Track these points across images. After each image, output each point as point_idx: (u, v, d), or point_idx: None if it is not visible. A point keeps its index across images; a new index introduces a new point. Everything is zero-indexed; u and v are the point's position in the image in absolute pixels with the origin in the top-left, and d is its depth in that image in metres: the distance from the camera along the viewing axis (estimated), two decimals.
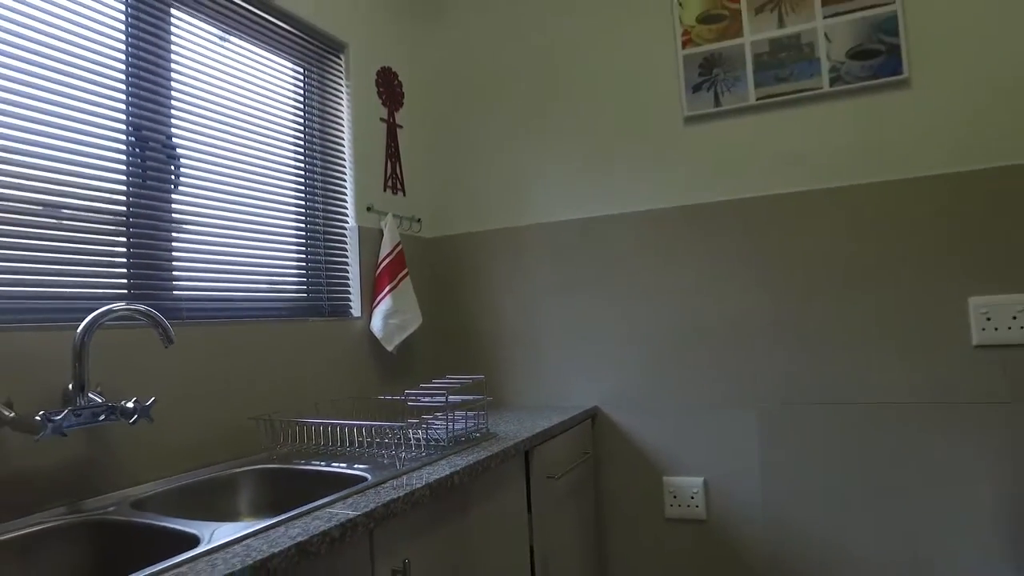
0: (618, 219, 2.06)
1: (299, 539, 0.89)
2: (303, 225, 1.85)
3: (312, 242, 1.88)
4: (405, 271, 2.04)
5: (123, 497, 1.19)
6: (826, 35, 1.81)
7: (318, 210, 1.91)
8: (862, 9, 1.78)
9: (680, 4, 1.98)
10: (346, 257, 1.99)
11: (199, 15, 1.59)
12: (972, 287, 1.64)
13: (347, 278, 1.99)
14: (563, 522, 1.77)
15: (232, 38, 1.68)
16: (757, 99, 1.88)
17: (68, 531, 1.04)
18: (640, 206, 2.04)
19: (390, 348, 1.98)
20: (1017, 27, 1.64)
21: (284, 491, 1.33)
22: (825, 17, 1.81)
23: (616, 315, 2.05)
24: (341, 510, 1.01)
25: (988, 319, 1.62)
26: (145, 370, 1.32)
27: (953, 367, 1.65)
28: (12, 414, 1.06)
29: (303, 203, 1.85)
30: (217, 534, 0.93)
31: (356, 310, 1.98)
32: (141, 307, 1.17)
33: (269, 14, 1.77)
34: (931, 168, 1.71)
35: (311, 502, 1.06)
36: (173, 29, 1.52)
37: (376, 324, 1.96)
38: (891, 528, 1.70)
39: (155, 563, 0.81)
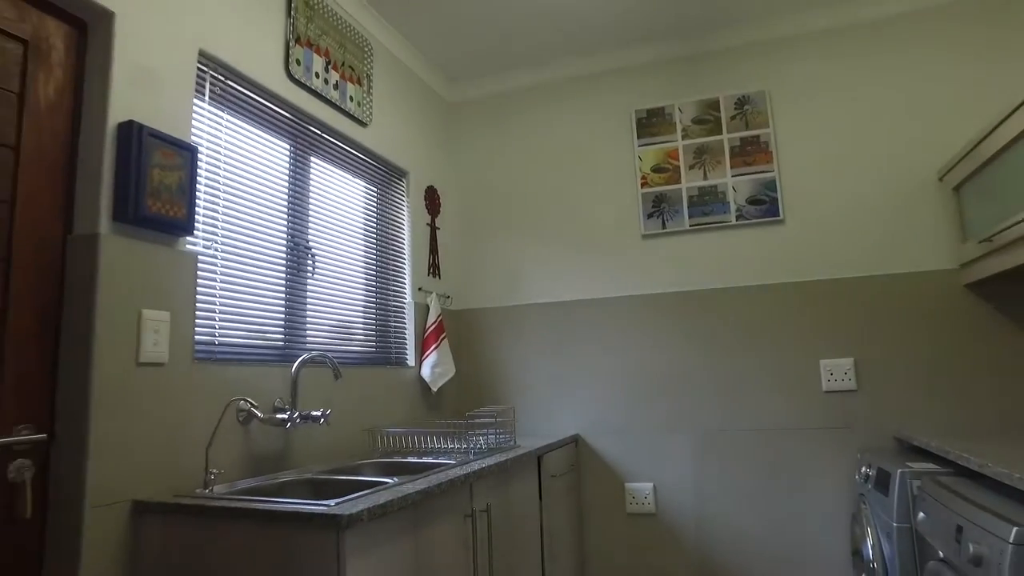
0: (594, 302, 2.95)
1: (443, 480, 1.67)
2: (376, 300, 2.65)
3: (382, 312, 2.68)
4: (444, 335, 2.86)
5: (307, 469, 1.94)
6: (733, 187, 2.78)
7: (390, 290, 2.72)
8: (755, 173, 2.76)
9: (640, 159, 2.93)
10: (404, 324, 2.80)
11: (324, 156, 2.44)
12: (821, 353, 2.57)
13: (405, 339, 2.79)
14: (559, 511, 2.57)
15: (334, 167, 2.52)
16: (690, 225, 2.82)
17: (299, 483, 1.80)
18: (609, 294, 2.93)
19: (434, 389, 2.77)
20: (846, 188, 2.64)
21: (398, 473, 2.09)
22: (732, 176, 2.79)
23: (591, 370, 2.90)
24: (453, 473, 1.80)
25: (831, 374, 2.55)
26: (303, 393, 2.09)
27: (811, 405, 2.56)
28: (262, 415, 1.83)
29: (375, 284, 2.66)
30: (395, 479, 1.70)
31: (411, 361, 2.77)
32: (327, 354, 1.96)
33: (361, 152, 2.62)
34: (797, 277, 2.66)
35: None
36: (311, 168, 2.35)
37: (425, 372, 2.76)
38: (775, 512, 2.56)
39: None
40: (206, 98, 1.84)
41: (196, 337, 1.72)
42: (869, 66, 2.69)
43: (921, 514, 1.67)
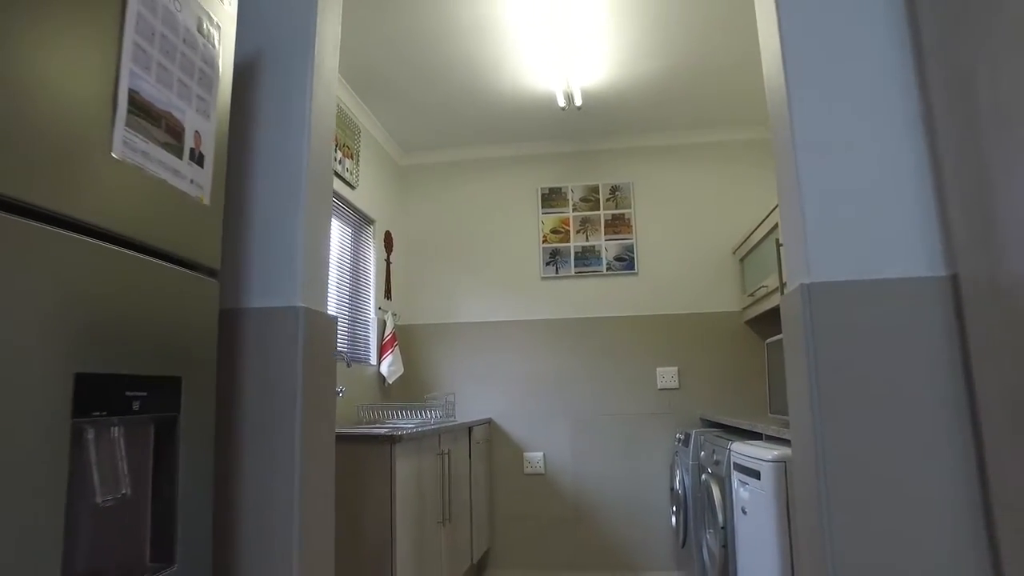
0: (504, 323, 4.08)
1: (429, 429, 2.71)
2: (349, 315, 3.61)
3: (354, 324, 3.64)
4: (397, 342, 3.86)
5: None
6: (606, 248, 4.03)
7: (359, 307, 3.69)
8: (621, 239, 4.03)
9: (542, 223, 4.12)
10: (369, 334, 3.78)
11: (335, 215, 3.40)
12: (657, 363, 3.86)
13: (369, 344, 3.76)
14: (480, 469, 3.64)
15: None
16: (575, 272, 4.04)
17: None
18: (516, 318, 4.07)
19: (389, 382, 3.76)
20: (678, 254, 3.97)
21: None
22: (605, 240, 4.04)
23: (501, 372, 4.02)
24: (430, 428, 2.83)
25: (663, 377, 3.84)
26: None
27: (650, 398, 3.84)
28: None
29: (349, 303, 3.62)
30: (400, 431, 2.70)
31: (373, 360, 3.75)
32: (342, 351, 2.92)
33: (349, 207, 3.60)
34: (644, 311, 3.95)
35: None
36: None
37: (383, 369, 3.75)
38: (625, 469, 3.79)
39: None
40: None
41: None
42: (696, 173, 4.06)
43: (702, 452, 2.93)
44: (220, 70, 1.11)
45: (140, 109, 0.89)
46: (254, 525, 1.21)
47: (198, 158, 1.02)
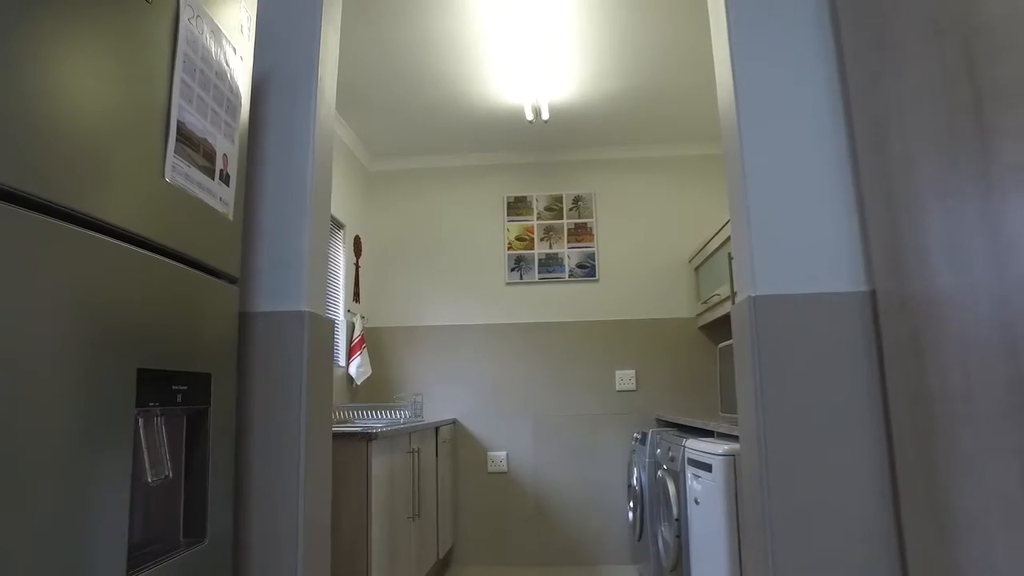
0: (469, 327, 4.22)
1: (401, 428, 2.84)
2: None
3: None
4: (365, 344, 3.97)
5: None
6: (568, 256, 4.22)
7: (329, 312, 3.78)
8: (583, 247, 4.22)
9: (508, 230, 4.29)
10: (338, 335, 3.87)
11: None
12: (616, 366, 4.06)
13: (338, 346, 3.86)
14: (445, 466, 3.77)
15: None
16: (538, 279, 4.21)
17: None
18: (481, 321, 4.22)
19: (357, 383, 3.86)
20: (637, 262, 4.18)
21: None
22: (568, 248, 4.23)
23: (466, 374, 4.16)
24: (402, 428, 2.96)
25: (622, 380, 4.04)
26: None
27: (608, 399, 4.03)
28: None
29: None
30: (374, 430, 2.82)
31: (342, 362, 3.85)
32: None
33: None
34: (604, 316, 4.14)
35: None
36: None
37: (352, 370, 3.85)
38: (584, 467, 3.97)
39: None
40: None
41: None
42: (655, 185, 4.29)
43: (658, 450, 3.13)
44: (241, 97, 1.23)
45: (185, 138, 1.01)
46: (264, 508, 1.33)
47: (226, 178, 1.14)
